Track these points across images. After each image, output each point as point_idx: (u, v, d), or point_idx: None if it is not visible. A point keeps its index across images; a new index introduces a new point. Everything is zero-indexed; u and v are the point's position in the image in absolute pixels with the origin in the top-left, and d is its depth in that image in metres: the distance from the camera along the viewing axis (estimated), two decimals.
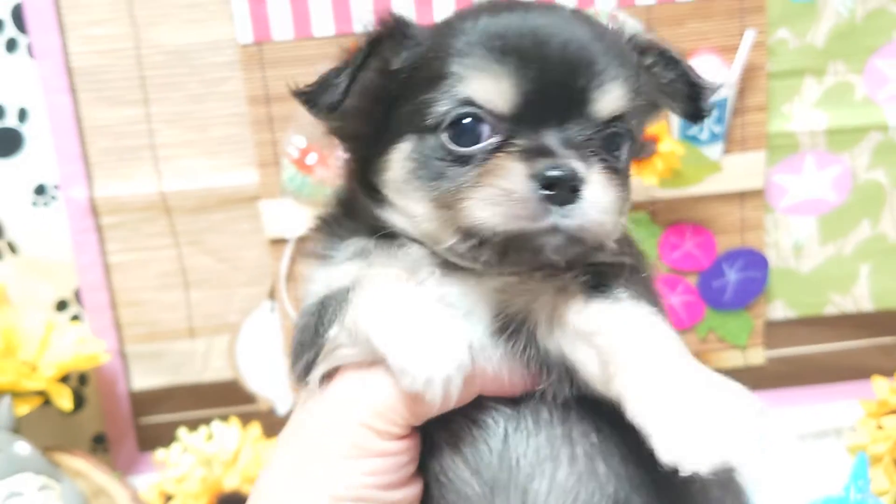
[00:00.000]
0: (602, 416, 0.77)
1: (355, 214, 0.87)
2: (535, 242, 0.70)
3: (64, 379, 1.64)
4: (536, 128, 0.71)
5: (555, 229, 0.69)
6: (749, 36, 1.62)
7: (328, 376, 0.80)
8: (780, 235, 1.80)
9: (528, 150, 0.70)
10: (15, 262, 1.73)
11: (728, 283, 1.79)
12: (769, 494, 1.67)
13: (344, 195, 0.92)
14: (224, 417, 1.72)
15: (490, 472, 0.77)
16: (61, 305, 1.78)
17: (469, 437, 0.78)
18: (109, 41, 1.63)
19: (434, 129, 0.74)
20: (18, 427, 1.51)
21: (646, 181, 1.65)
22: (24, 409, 1.56)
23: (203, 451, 1.61)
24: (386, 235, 0.82)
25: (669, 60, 0.82)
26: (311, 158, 1.63)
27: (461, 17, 0.79)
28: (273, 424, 1.80)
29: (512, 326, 0.77)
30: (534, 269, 0.76)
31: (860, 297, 1.85)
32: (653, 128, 1.57)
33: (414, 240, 0.82)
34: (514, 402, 0.79)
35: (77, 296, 1.77)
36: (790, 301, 1.84)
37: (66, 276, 1.75)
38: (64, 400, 1.60)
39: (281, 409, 1.85)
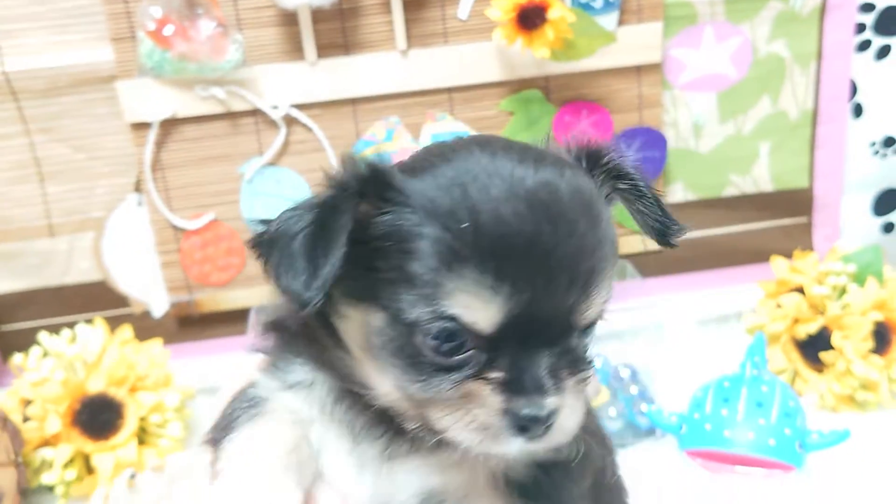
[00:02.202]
0: None
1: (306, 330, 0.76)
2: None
3: None
4: (518, 349, 0.65)
5: (526, 452, 0.68)
6: None
7: None
8: (679, 113, 1.73)
9: (506, 382, 0.65)
10: None
11: None
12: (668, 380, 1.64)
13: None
14: (93, 322, 1.59)
15: None
16: None
17: None
18: None
19: (411, 325, 0.65)
20: None
21: (537, 54, 1.55)
22: None
23: (63, 353, 1.49)
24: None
25: (642, 194, 0.74)
26: (169, 30, 1.48)
27: (443, 180, 0.66)
28: (149, 328, 1.68)
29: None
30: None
31: (760, 178, 1.79)
32: None
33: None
34: None
35: None
36: (689, 183, 1.78)
37: None
38: None
39: (157, 312, 1.72)
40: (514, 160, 0.66)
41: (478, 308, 0.63)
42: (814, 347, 1.60)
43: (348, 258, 0.65)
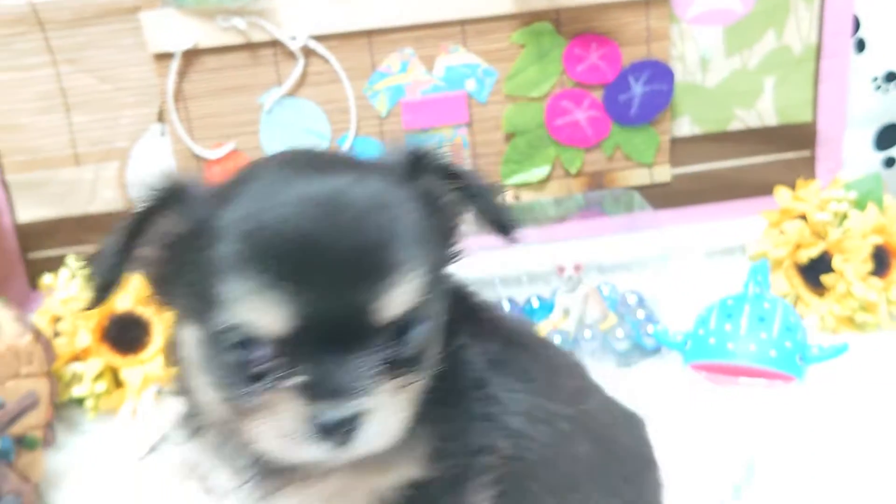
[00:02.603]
0: None
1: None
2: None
3: None
4: (318, 351, 0.64)
5: (335, 459, 0.67)
6: None
7: None
8: (686, 47, 1.77)
9: (305, 386, 0.64)
10: None
11: (634, 97, 1.76)
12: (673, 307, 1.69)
13: None
14: None
15: None
16: None
17: None
18: None
19: (216, 337, 0.67)
20: None
21: None
22: None
23: None
24: None
25: (474, 193, 0.74)
26: None
27: (235, 193, 0.68)
28: None
29: None
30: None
31: (764, 112, 1.84)
32: None
33: None
34: None
35: None
36: (695, 117, 1.83)
37: None
38: None
39: None
40: (301, 169, 0.69)
41: (260, 312, 0.64)
42: (815, 271, 1.66)
43: (170, 276, 0.70)
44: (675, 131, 1.83)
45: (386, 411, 0.66)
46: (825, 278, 1.63)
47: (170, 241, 0.71)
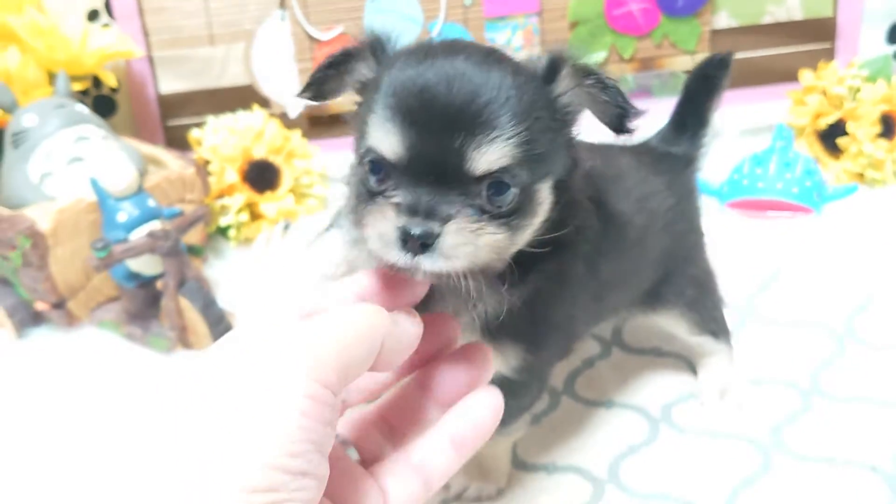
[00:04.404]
0: None
1: None
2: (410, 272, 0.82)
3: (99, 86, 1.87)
4: (418, 179, 0.80)
5: (416, 267, 0.79)
6: None
7: None
8: None
9: (402, 204, 0.80)
10: None
11: None
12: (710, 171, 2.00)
13: None
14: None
15: None
16: (92, 15, 1.99)
17: None
18: None
19: (360, 160, 0.86)
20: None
21: None
22: (77, 86, 1.80)
23: (233, 126, 1.88)
24: None
25: (605, 86, 0.85)
26: None
27: (400, 57, 0.85)
28: (286, 127, 2.06)
29: None
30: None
31: (792, 7, 2.13)
32: None
33: None
34: None
35: (107, 5, 1.98)
36: (732, 11, 2.13)
37: None
38: (110, 79, 1.84)
39: (292, 113, 2.10)
40: (458, 52, 0.83)
41: (383, 140, 0.81)
42: (831, 137, 1.96)
43: (357, 112, 0.89)
44: (714, 23, 2.13)
45: (458, 240, 0.79)
46: (840, 141, 1.93)
47: (360, 84, 0.90)
